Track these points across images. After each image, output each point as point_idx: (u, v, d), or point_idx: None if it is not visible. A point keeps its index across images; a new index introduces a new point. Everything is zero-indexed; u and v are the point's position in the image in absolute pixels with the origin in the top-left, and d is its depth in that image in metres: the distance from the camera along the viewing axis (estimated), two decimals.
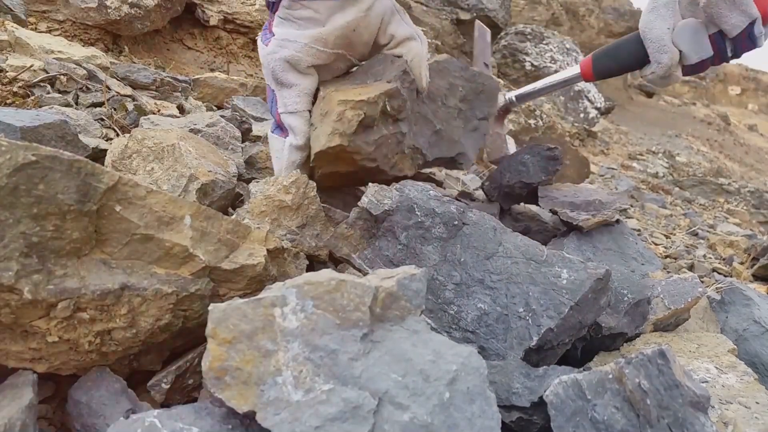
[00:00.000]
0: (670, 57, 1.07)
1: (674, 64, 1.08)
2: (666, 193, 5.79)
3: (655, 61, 1.09)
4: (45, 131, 0.88)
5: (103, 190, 0.56)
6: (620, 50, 1.21)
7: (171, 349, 0.67)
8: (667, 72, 1.09)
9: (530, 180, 1.15)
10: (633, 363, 0.52)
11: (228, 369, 0.46)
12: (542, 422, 0.60)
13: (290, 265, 0.79)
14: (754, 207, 5.87)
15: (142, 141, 0.92)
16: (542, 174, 1.15)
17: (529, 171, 1.16)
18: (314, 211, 0.88)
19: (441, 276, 0.80)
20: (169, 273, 0.62)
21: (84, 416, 0.56)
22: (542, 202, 1.13)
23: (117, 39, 2.37)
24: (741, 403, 0.69)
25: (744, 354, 0.95)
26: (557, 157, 1.15)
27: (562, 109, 6.29)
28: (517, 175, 1.17)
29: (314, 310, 0.49)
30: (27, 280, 0.52)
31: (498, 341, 0.72)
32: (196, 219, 0.64)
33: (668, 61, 1.07)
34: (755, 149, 14.89)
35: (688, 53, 1.07)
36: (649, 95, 16.65)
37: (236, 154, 1.17)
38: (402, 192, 0.89)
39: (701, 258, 2.51)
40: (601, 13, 13.55)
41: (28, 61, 1.40)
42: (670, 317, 0.93)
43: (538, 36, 6.61)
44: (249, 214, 0.84)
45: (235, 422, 0.47)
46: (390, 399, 0.46)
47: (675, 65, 1.08)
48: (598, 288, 0.74)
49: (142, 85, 1.67)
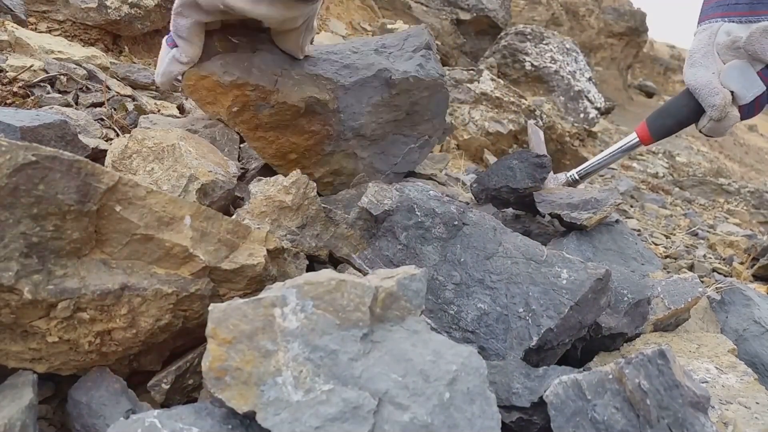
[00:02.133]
0: (722, 97, 1.09)
1: (728, 104, 1.10)
2: (666, 193, 5.79)
3: (709, 106, 1.12)
4: (45, 131, 0.88)
5: (103, 191, 0.56)
6: (673, 107, 1.23)
7: (171, 350, 0.67)
8: (722, 113, 1.11)
9: (516, 185, 1.15)
10: (633, 363, 0.52)
11: (228, 369, 0.46)
12: (542, 422, 0.60)
13: (290, 265, 0.79)
14: (754, 207, 5.87)
15: (142, 141, 0.92)
16: (528, 180, 1.14)
17: (515, 176, 1.16)
18: (314, 211, 0.88)
19: (441, 276, 0.80)
20: (169, 273, 0.62)
21: (84, 416, 0.56)
22: (541, 207, 1.13)
23: (117, 39, 2.37)
24: (741, 403, 0.69)
25: (744, 354, 0.95)
26: (545, 165, 1.15)
27: (562, 109, 6.29)
28: (504, 180, 1.17)
29: (314, 310, 0.49)
30: (27, 280, 0.52)
31: (498, 341, 0.72)
32: (196, 219, 0.64)
33: (721, 101, 1.10)
34: (755, 149, 14.89)
35: (740, 92, 1.10)
36: (649, 95, 16.65)
37: (233, 156, 1.16)
38: (402, 192, 0.89)
39: (701, 258, 2.51)
40: (601, 13, 13.55)
41: (28, 61, 1.40)
42: (670, 317, 0.93)
43: (538, 36, 6.61)
44: (249, 214, 0.84)
45: (235, 422, 0.47)
46: (390, 399, 0.46)
47: (729, 104, 1.11)
48: (598, 288, 0.74)
49: (142, 85, 1.67)
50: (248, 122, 1.00)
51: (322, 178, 1.10)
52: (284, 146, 1.04)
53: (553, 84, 6.48)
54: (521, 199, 1.18)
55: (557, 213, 1.10)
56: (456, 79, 4.24)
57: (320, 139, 1.06)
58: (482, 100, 4.14)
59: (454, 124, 3.70)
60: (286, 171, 1.02)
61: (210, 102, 0.98)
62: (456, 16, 6.75)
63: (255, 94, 0.98)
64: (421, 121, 1.23)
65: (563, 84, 6.52)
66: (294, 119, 1.02)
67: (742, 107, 1.12)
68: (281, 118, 1.01)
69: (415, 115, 1.21)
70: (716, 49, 1.10)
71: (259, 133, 1.02)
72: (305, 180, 0.87)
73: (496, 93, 4.21)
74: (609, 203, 1.09)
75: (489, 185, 1.20)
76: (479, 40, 7.01)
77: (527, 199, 1.17)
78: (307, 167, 1.07)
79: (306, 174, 0.93)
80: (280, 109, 1.00)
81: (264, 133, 1.02)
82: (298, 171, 0.87)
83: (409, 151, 1.22)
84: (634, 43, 14.49)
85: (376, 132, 1.15)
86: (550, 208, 1.11)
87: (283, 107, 1.00)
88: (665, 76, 20.77)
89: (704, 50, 1.12)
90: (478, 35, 6.99)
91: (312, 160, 1.08)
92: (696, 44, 1.14)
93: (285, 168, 1.05)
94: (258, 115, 0.99)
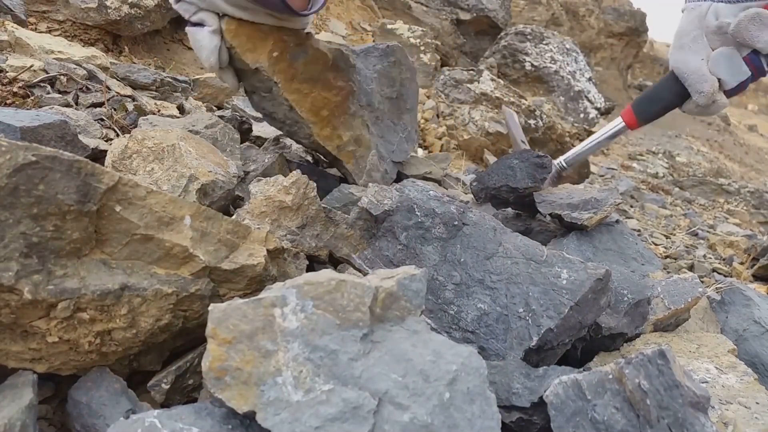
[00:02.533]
0: (710, 85, 1.11)
1: (715, 91, 1.12)
2: (666, 193, 5.79)
3: (697, 92, 1.13)
4: (45, 131, 0.88)
5: (103, 191, 0.56)
6: (658, 92, 1.24)
7: (171, 350, 0.67)
8: (710, 100, 1.12)
9: (516, 185, 1.15)
10: (633, 363, 0.52)
11: (228, 369, 0.46)
12: (542, 422, 0.60)
13: (290, 265, 0.79)
14: (754, 207, 5.87)
15: (142, 141, 0.92)
16: (529, 180, 1.14)
17: (516, 176, 1.15)
18: (314, 211, 0.88)
19: (441, 276, 0.80)
20: (169, 273, 0.62)
21: (84, 416, 0.56)
22: (541, 207, 1.12)
23: (117, 39, 2.37)
24: (741, 403, 0.69)
25: (744, 354, 0.95)
26: (545, 165, 1.14)
27: (562, 110, 6.29)
28: (504, 179, 1.16)
29: (314, 310, 0.49)
30: (27, 280, 0.52)
31: (498, 341, 0.72)
32: (196, 219, 0.64)
33: (709, 89, 1.11)
34: (755, 149, 14.89)
35: (727, 79, 1.11)
36: None
37: (234, 156, 1.16)
38: (402, 192, 0.89)
39: (701, 258, 2.51)
40: (601, 13, 13.55)
41: (28, 62, 1.40)
42: (670, 317, 0.93)
43: (538, 36, 6.61)
44: (249, 214, 0.84)
45: (235, 422, 0.47)
46: (390, 399, 0.46)
47: (717, 92, 1.12)
48: (598, 288, 0.74)
49: (142, 86, 1.67)
50: (285, 72, 1.04)
51: (346, 146, 1.15)
52: (317, 101, 1.09)
53: (553, 84, 6.48)
54: (521, 199, 1.18)
55: (557, 213, 1.10)
56: (456, 79, 4.24)
57: (345, 96, 1.13)
58: (482, 100, 4.14)
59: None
60: (320, 129, 1.10)
61: (249, 49, 1.00)
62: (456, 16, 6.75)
63: (292, 40, 1.03)
64: (404, 109, 1.33)
65: (563, 84, 6.52)
66: (323, 72, 1.09)
67: (727, 92, 1.13)
68: (313, 69, 1.07)
69: (400, 100, 1.31)
70: (705, 33, 1.10)
71: (295, 84, 1.06)
72: (305, 180, 0.87)
73: (496, 93, 4.21)
74: (609, 203, 1.09)
75: (489, 184, 1.19)
76: (479, 40, 7.01)
77: (527, 200, 1.17)
78: (337, 127, 1.13)
79: (336, 135, 1.11)
80: (314, 58, 1.07)
81: (299, 85, 1.06)
82: (297, 172, 0.87)
83: (400, 140, 1.31)
84: (634, 43, 14.49)
85: (380, 106, 1.25)
86: (550, 209, 1.11)
87: (317, 55, 1.07)
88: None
89: (694, 34, 1.12)
90: (478, 35, 6.99)
91: (340, 119, 1.14)
92: (685, 26, 1.14)
93: (319, 125, 1.10)
94: (294, 65, 1.05)
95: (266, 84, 1.04)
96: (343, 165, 1.15)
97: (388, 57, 1.27)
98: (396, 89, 1.30)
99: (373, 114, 1.23)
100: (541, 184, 1.16)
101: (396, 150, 1.29)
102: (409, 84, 1.34)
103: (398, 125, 1.32)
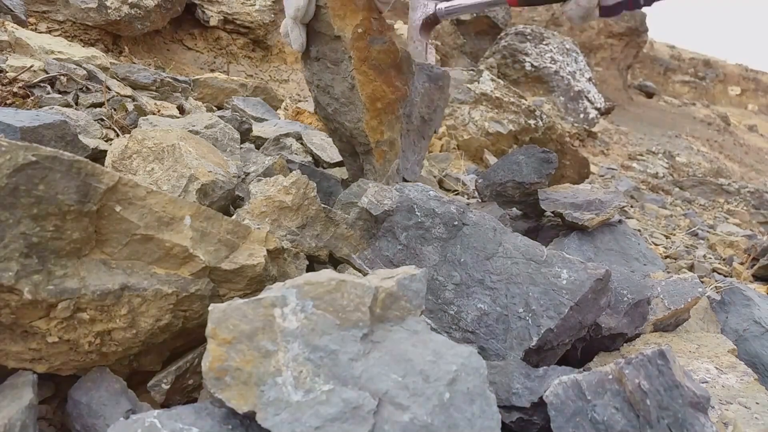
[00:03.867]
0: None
1: (593, 6, 1.13)
2: (666, 193, 5.79)
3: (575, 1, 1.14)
4: (45, 131, 0.88)
5: (103, 191, 0.56)
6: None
7: (171, 350, 0.67)
8: (586, 12, 1.14)
9: (522, 179, 1.16)
10: (633, 363, 0.52)
11: (228, 369, 0.46)
12: (542, 423, 0.60)
13: (290, 265, 0.79)
14: (754, 207, 5.87)
15: (142, 141, 0.92)
16: (535, 175, 1.15)
17: (522, 171, 1.16)
18: (314, 211, 0.88)
19: (441, 276, 0.80)
20: (169, 273, 0.62)
21: (84, 416, 0.56)
22: (544, 204, 1.13)
23: (117, 39, 2.37)
24: (741, 403, 0.69)
25: (744, 354, 0.95)
26: (551, 160, 1.15)
27: (562, 110, 6.29)
28: (510, 174, 1.17)
29: (314, 310, 0.49)
30: (27, 280, 0.52)
31: (498, 341, 0.72)
32: (196, 219, 0.64)
33: (587, 3, 1.12)
34: (755, 149, 14.89)
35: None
36: (649, 96, 16.65)
37: (234, 156, 1.16)
38: (402, 192, 0.89)
39: (701, 258, 2.51)
40: None
41: (28, 62, 1.40)
42: (670, 317, 0.93)
43: (538, 36, 6.61)
44: (249, 214, 0.84)
45: (235, 422, 0.47)
46: (390, 399, 0.46)
47: (594, 7, 1.13)
48: (598, 288, 0.74)
49: (142, 86, 1.67)
50: (361, 51, 1.07)
51: (383, 144, 1.17)
52: (377, 90, 1.11)
53: (553, 84, 6.48)
54: (526, 197, 1.18)
55: (560, 212, 1.10)
56: (456, 79, 4.24)
57: (399, 97, 1.15)
58: (482, 101, 4.14)
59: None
60: (371, 117, 1.11)
61: (339, 15, 1.03)
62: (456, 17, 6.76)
63: (377, 24, 1.07)
64: (427, 134, 1.34)
65: (563, 84, 6.52)
66: (390, 66, 1.12)
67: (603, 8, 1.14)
68: (385, 59, 1.10)
69: (428, 124, 1.32)
70: None
71: (365, 67, 1.08)
72: (305, 180, 0.87)
73: (496, 93, 4.21)
74: (613, 205, 1.10)
75: (494, 180, 1.20)
76: (479, 40, 7.01)
77: (532, 198, 1.18)
78: (383, 123, 1.15)
79: (380, 130, 1.13)
80: (388, 48, 1.09)
81: (368, 69, 1.09)
82: (297, 172, 0.87)
83: (414, 161, 1.32)
84: (634, 43, 14.50)
85: (414, 122, 1.26)
86: (553, 207, 1.12)
87: (391, 47, 1.09)
88: (665, 76, 20.78)
89: None
90: (478, 35, 6.99)
91: (388, 117, 1.15)
92: None
93: (370, 113, 1.12)
94: (371, 48, 1.07)
95: (338, 55, 1.06)
96: (372, 161, 1.16)
97: (437, 80, 1.29)
98: (430, 113, 1.31)
99: (406, 126, 1.24)
100: (546, 179, 1.17)
101: (409, 169, 1.30)
102: (440, 112, 1.35)
103: (417, 147, 1.32)
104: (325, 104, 1.14)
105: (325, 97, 1.13)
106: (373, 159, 1.15)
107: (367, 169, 1.19)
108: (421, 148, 1.34)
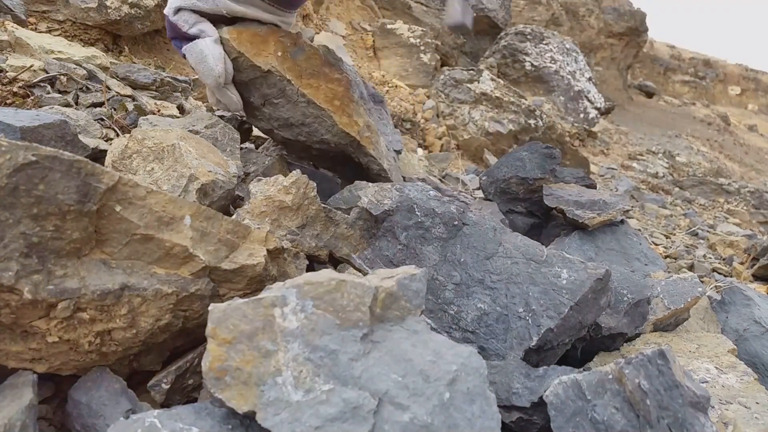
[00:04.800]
0: None
1: None
2: (666, 193, 5.80)
3: None
4: (45, 131, 0.88)
5: (103, 191, 0.56)
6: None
7: (171, 350, 0.67)
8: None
9: (526, 175, 1.16)
10: (633, 363, 0.52)
11: (228, 369, 0.46)
12: (542, 422, 0.60)
13: (290, 265, 0.79)
14: (754, 207, 5.87)
15: (142, 141, 0.92)
16: (538, 171, 1.16)
17: (525, 166, 1.17)
18: (314, 211, 0.88)
19: (441, 276, 0.80)
20: (169, 273, 0.62)
21: (84, 416, 0.56)
22: (548, 200, 1.13)
23: (117, 39, 2.37)
24: (741, 403, 0.69)
25: (744, 354, 0.95)
26: (555, 156, 1.16)
27: (562, 110, 6.29)
28: (514, 170, 1.18)
29: (314, 310, 0.49)
30: (27, 280, 0.52)
31: (498, 341, 0.72)
32: (196, 219, 0.64)
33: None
34: (755, 149, 14.88)
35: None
36: (649, 95, 16.64)
37: (234, 156, 1.16)
38: (402, 192, 0.89)
39: (701, 258, 2.51)
40: (601, 13, 13.55)
41: (28, 61, 1.40)
42: (670, 317, 0.93)
43: (538, 36, 6.61)
44: (249, 214, 0.84)
45: (235, 422, 0.47)
46: (390, 399, 0.46)
47: None
48: (598, 288, 0.74)
49: (142, 85, 1.67)
50: (293, 69, 1.08)
51: (363, 131, 1.17)
52: (328, 92, 1.12)
53: (553, 84, 6.48)
54: (531, 194, 1.19)
55: (562, 208, 1.10)
56: (456, 79, 4.24)
57: (346, 85, 1.16)
58: (482, 100, 4.14)
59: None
60: (339, 117, 1.12)
61: (256, 53, 1.04)
62: None
63: (287, 40, 1.08)
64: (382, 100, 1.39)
65: (563, 84, 6.52)
66: (321, 66, 1.13)
67: None
68: (313, 64, 1.11)
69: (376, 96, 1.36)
70: None
71: (305, 80, 1.10)
72: (305, 180, 0.87)
73: (496, 93, 4.21)
74: (617, 208, 1.10)
75: (498, 176, 1.21)
76: (479, 40, 7.01)
77: (536, 195, 1.18)
78: (351, 114, 1.15)
79: (353, 122, 1.11)
80: (310, 54, 1.10)
81: (308, 80, 1.10)
82: (297, 172, 0.87)
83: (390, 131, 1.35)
84: (634, 43, 14.49)
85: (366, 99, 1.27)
86: (556, 203, 1.12)
87: (312, 51, 1.10)
88: (665, 76, 20.78)
89: None
90: (478, 35, 6.99)
91: (350, 106, 1.16)
92: None
93: (338, 114, 1.12)
94: (297, 62, 1.09)
95: (278, 86, 1.06)
96: (366, 152, 1.16)
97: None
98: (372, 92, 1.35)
99: (366, 106, 1.25)
100: (550, 175, 1.17)
101: (391, 140, 1.32)
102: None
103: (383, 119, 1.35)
104: (295, 135, 1.14)
105: (291, 130, 1.13)
106: (366, 149, 1.16)
107: (366, 162, 1.19)
108: (385, 114, 1.37)
